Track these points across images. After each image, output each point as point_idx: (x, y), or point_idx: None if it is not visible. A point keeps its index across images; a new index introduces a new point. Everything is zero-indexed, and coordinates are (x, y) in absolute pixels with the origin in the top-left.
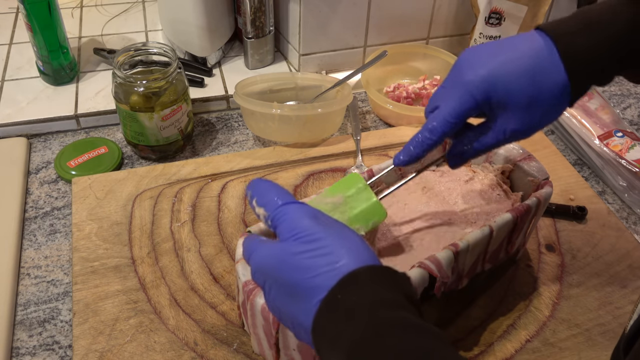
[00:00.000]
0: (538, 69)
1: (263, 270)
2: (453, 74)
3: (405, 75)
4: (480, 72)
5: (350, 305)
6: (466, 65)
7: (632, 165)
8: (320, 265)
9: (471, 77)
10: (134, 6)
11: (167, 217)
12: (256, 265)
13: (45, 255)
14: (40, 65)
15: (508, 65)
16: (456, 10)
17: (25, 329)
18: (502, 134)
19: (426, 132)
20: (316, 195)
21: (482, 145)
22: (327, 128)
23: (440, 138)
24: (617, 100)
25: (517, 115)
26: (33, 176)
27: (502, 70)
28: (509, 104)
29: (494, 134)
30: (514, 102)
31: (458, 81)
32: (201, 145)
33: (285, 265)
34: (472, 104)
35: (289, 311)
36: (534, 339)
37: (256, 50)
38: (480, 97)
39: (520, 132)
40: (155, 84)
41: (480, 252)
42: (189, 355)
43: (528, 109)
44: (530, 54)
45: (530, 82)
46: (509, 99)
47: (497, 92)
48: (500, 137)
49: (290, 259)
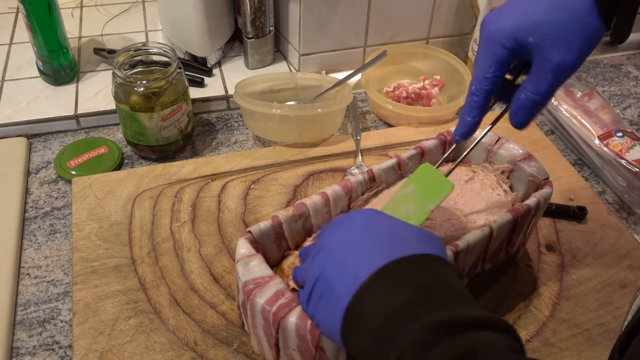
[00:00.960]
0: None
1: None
2: (480, 37)
3: (405, 75)
4: (503, 23)
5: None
6: (488, 22)
7: (632, 165)
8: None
9: (495, 28)
10: (134, 6)
11: (167, 217)
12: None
13: (45, 255)
14: (40, 65)
15: (529, 7)
16: (456, 10)
17: (25, 329)
18: (548, 73)
19: (469, 97)
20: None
21: (533, 92)
22: (327, 128)
23: (486, 97)
24: (617, 100)
25: (555, 50)
26: (33, 176)
27: (525, 13)
28: (541, 41)
29: (541, 76)
30: (546, 38)
31: (485, 39)
32: (201, 145)
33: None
34: (504, 53)
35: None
36: (534, 339)
37: (256, 50)
38: (510, 43)
39: (564, 64)
40: (155, 84)
41: (480, 252)
42: (189, 355)
43: (562, 41)
44: None
45: (555, 12)
46: (540, 36)
47: (524, 33)
48: (549, 77)
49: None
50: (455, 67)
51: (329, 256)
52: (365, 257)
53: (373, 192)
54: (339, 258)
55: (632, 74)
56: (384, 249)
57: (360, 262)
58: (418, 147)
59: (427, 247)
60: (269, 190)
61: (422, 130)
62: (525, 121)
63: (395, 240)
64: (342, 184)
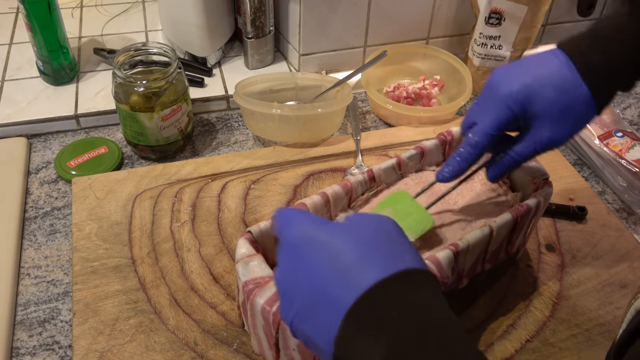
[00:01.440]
0: (565, 83)
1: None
2: (486, 92)
3: (405, 75)
4: (515, 86)
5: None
6: (500, 82)
7: (632, 165)
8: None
9: (506, 91)
10: (134, 6)
11: (167, 217)
12: None
13: (45, 255)
14: (40, 65)
15: (539, 79)
16: (456, 10)
17: (25, 329)
18: (538, 143)
19: (469, 147)
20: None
21: (519, 155)
22: (327, 128)
23: (482, 151)
24: (617, 100)
25: (551, 125)
26: (33, 176)
27: (534, 84)
28: (542, 114)
29: (530, 144)
30: (547, 112)
31: (493, 97)
32: (201, 145)
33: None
34: (510, 116)
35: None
36: (534, 339)
37: (256, 50)
38: (517, 108)
39: (554, 140)
40: (155, 84)
41: (480, 252)
42: (189, 355)
43: (560, 119)
44: (556, 69)
45: (559, 94)
46: (543, 110)
47: (531, 103)
48: (537, 146)
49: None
50: (455, 67)
51: (288, 300)
52: (326, 297)
53: (373, 192)
54: (301, 301)
55: None
56: (340, 281)
57: (324, 308)
58: (418, 147)
59: (388, 262)
60: (269, 190)
61: (422, 130)
62: (501, 176)
63: (348, 261)
64: (342, 184)
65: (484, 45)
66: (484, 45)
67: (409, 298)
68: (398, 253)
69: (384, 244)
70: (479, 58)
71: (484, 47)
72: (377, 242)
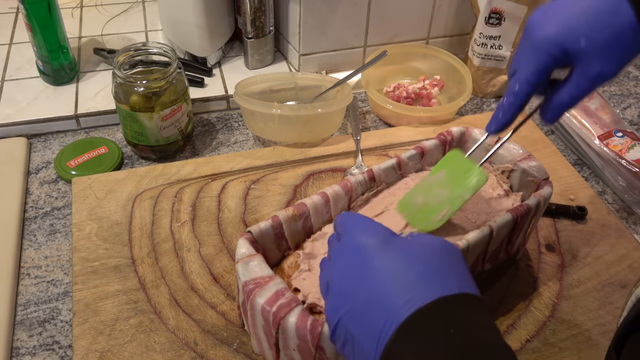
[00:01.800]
0: (606, 13)
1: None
2: (525, 36)
3: (405, 75)
4: (551, 29)
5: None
6: (535, 27)
7: (632, 165)
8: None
9: (542, 36)
10: (134, 6)
11: (167, 217)
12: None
13: (45, 255)
14: (40, 65)
15: (577, 14)
16: (456, 10)
17: (25, 329)
18: (588, 80)
19: (511, 97)
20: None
21: (570, 97)
22: (327, 128)
23: (525, 99)
24: (617, 100)
25: (597, 58)
26: (33, 176)
27: (572, 21)
28: (586, 49)
29: (580, 82)
30: (591, 47)
31: (530, 43)
32: (201, 145)
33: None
34: (550, 60)
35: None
36: (534, 339)
37: (256, 50)
38: (556, 51)
39: (604, 74)
40: (155, 84)
41: (480, 252)
42: (189, 355)
43: (606, 50)
44: (595, 1)
45: (601, 26)
46: (585, 45)
47: (572, 41)
48: (588, 84)
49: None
50: (455, 67)
51: (341, 299)
52: (385, 303)
53: (373, 192)
54: (356, 301)
55: (632, 73)
56: (402, 290)
57: (380, 312)
58: (418, 147)
59: (451, 282)
60: (269, 190)
61: (422, 130)
62: (557, 118)
63: (414, 275)
64: (342, 184)
65: (484, 45)
66: (484, 45)
67: (468, 318)
68: (460, 276)
69: (448, 266)
70: (479, 58)
71: (484, 47)
72: (442, 263)
